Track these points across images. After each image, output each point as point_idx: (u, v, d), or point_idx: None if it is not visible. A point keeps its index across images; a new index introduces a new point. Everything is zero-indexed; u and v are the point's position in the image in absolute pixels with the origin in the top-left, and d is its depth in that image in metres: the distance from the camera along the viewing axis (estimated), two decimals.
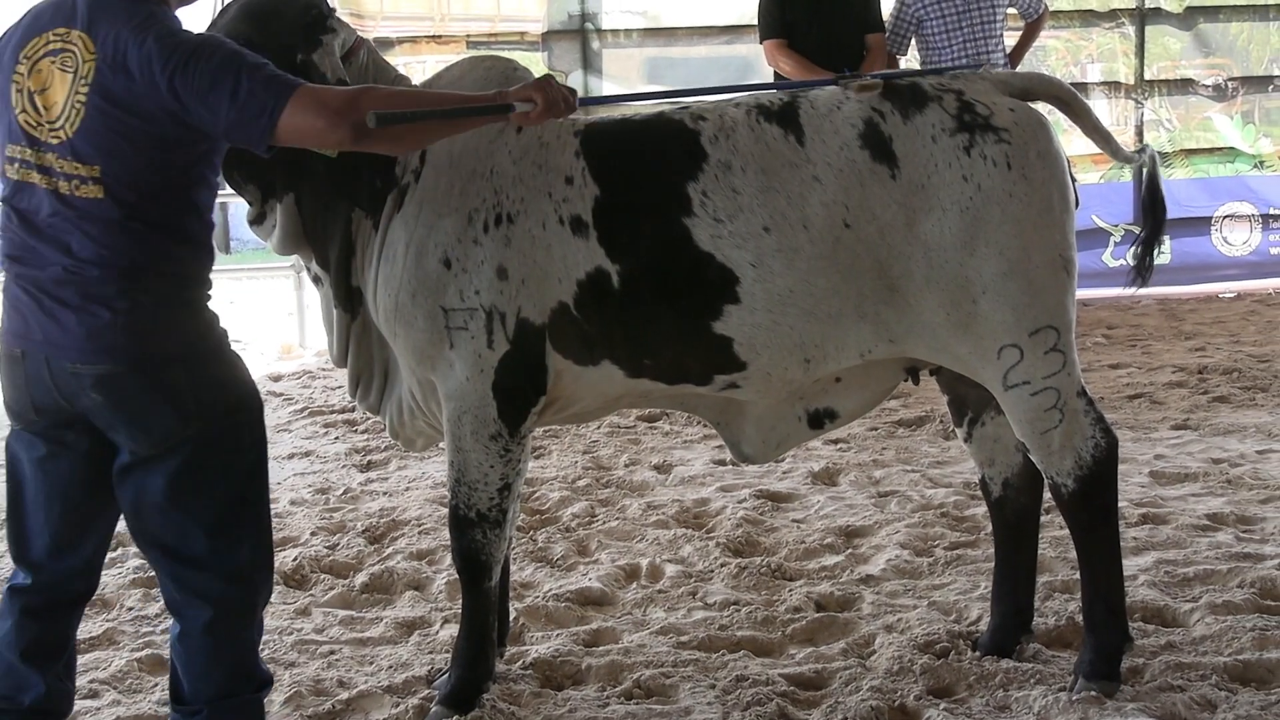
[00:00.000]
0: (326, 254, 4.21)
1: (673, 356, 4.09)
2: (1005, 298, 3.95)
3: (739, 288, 3.96)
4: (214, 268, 3.57)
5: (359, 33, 4.23)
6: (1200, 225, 11.21)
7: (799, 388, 4.19)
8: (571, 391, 4.19)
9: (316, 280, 4.34)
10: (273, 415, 8.19)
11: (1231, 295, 11.28)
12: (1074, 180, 4.11)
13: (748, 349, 4.03)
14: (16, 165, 3.34)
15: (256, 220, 4.22)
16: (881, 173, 3.94)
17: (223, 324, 3.51)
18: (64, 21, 3.34)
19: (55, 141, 3.28)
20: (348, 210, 4.14)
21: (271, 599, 5.12)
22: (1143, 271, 4.45)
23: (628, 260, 4.00)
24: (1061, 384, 4.03)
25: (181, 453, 3.38)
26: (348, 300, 4.22)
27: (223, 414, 3.43)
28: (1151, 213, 4.42)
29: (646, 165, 4.05)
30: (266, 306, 12.09)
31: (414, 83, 4.27)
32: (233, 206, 19.94)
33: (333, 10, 4.14)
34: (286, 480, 6.89)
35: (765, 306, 3.97)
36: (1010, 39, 8.93)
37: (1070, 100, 4.28)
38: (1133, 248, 4.47)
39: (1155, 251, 4.44)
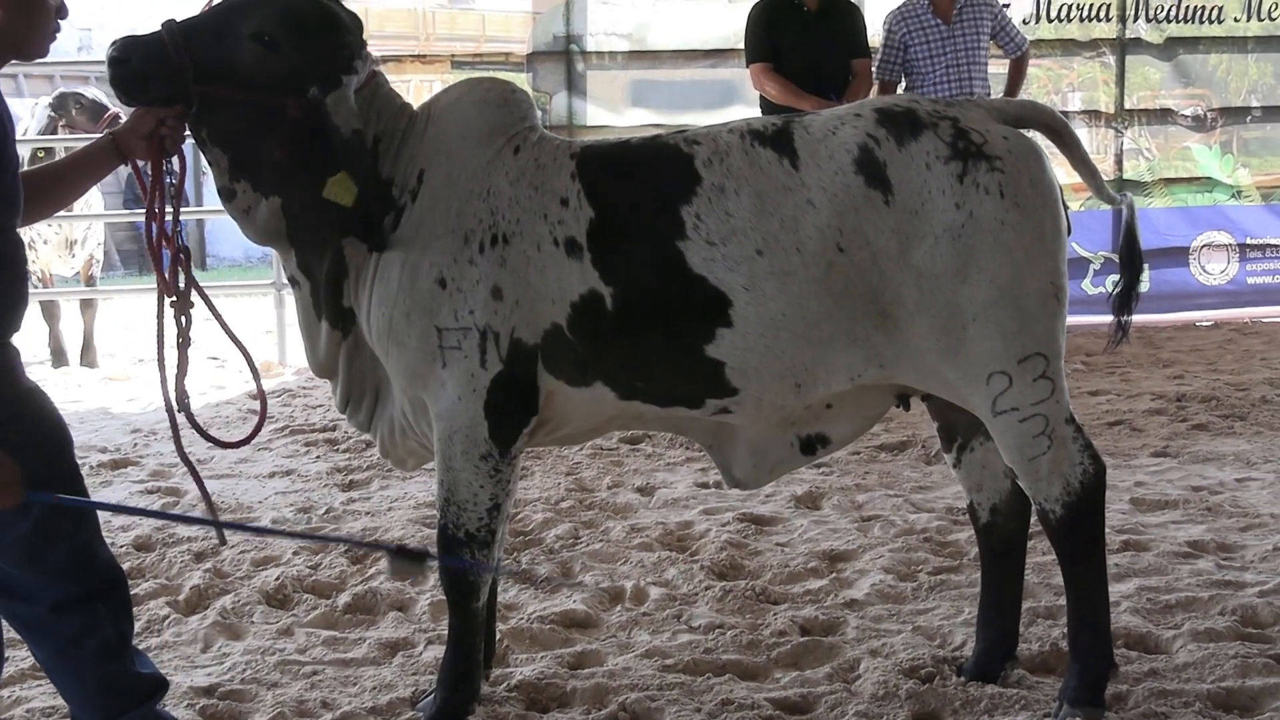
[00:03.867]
0: (310, 263, 4.19)
1: (665, 379, 4.09)
2: (995, 325, 3.96)
3: (732, 310, 3.97)
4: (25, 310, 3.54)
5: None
6: (1179, 255, 11.28)
7: (790, 413, 4.20)
8: (563, 412, 4.19)
9: (294, 282, 4.28)
10: None
11: (1208, 324, 11.34)
12: (1066, 208, 4.12)
13: (739, 373, 4.04)
14: None
15: (225, 195, 4.12)
16: (875, 198, 3.94)
17: (16, 359, 3.44)
18: None
19: None
20: (340, 235, 4.13)
21: (253, 618, 5.16)
22: (1122, 326, 4.45)
23: (621, 282, 4.00)
24: (1050, 411, 4.04)
25: None
26: (338, 319, 4.21)
27: (10, 451, 3.34)
28: (1129, 265, 4.41)
29: (641, 188, 4.06)
30: (245, 324, 12.07)
31: (413, 106, 4.27)
32: (210, 223, 20.02)
33: (365, 51, 4.12)
34: (268, 499, 6.88)
35: (758, 330, 3.98)
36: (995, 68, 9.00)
37: (1062, 130, 4.28)
38: (1112, 299, 4.46)
39: (1133, 305, 4.44)
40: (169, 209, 3.90)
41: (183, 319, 3.87)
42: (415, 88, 10.67)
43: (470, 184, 4.07)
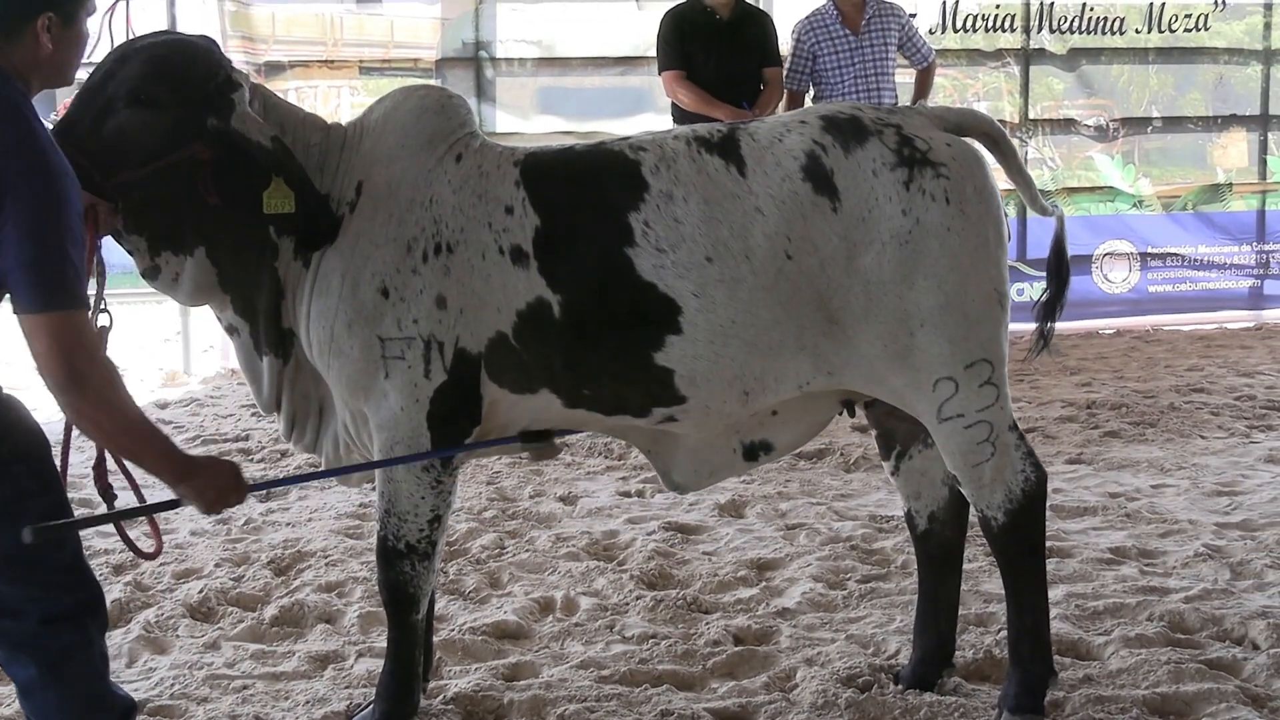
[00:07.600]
0: (250, 302, 4.11)
1: (612, 387, 4.05)
2: (942, 331, 3.96)
3: (681, 318, 3.94)
4: None
5: (249, 63, 4.15)
6: (1081, 263, 11.39)
7: (737, 421, 4.18)
8: (507, 421, 4.14)
9: (232, 330, 4.20)
10: None
11: (1111, 332, 11.48)
12: (1006, 215, 4.14)
13: (688, 382, 4.01)
14: None
15: (149, 274, 4.04)
16: (823, 205, 3.94)
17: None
18: None
19: None
20: (271, 258, 4.05)
21: (178, 632, 5.06)
22: (1045, 336, 4.47)
23: (568, 290, 3.96)
24: (994, 417, 4.06)
25: None
26: (279, 344, 4.13)
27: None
28: (1057, 275, 4.43)
29: (588, 195, 4.01)
30: (145, 331, 11.86)
31: (321, 118, 4.21)
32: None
33: (233, 67, 4.05)
34: (185, 510, 6.70)
35: (707, 337, 3.95)
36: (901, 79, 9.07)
37: (999, 139, 4.29)
38: (1036, 308, 4.48)
39: (1057, 314, 4.45)
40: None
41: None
42: (323, 93, 10.54)
43: (412, 192, 4.01)
